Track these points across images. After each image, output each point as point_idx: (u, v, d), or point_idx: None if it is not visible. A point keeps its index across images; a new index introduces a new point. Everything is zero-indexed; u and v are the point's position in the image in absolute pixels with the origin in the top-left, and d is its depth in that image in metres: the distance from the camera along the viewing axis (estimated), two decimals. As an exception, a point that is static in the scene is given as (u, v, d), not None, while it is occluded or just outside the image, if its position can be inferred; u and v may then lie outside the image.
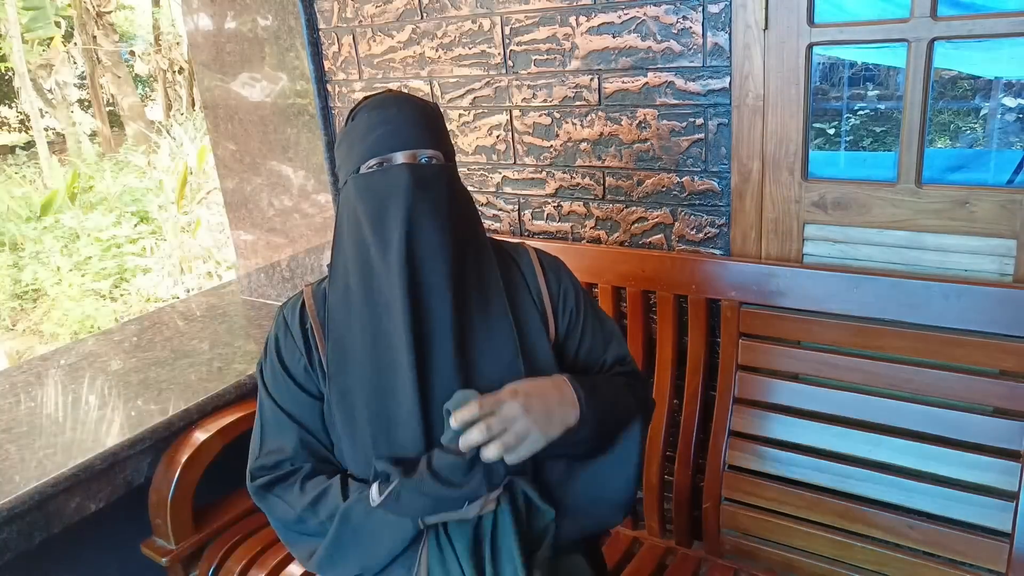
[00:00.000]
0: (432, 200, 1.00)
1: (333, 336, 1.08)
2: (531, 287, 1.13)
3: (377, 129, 1.01)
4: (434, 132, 1.04)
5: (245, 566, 1.50)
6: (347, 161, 1.05)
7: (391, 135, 1.01)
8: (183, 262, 6.51)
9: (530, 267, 1.15)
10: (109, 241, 6.76)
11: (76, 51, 11.18)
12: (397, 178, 0.99)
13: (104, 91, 11.62)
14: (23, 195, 8.09)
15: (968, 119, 4.19)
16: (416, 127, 1.02)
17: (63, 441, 1.53)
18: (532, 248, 1.19)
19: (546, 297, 1.13)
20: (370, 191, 1.01)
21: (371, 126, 1.01)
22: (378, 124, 1.01)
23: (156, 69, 11.79)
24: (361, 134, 1.02)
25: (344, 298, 1.07)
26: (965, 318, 1.26)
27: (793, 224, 1.50)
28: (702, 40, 1.47)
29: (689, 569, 1.50)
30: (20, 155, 10.85)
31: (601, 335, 1.17)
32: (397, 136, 1.01)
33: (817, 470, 1.41)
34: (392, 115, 1.01)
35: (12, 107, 13.37)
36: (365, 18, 1.90)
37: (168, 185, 7.42)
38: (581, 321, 1.15)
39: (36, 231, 7.03)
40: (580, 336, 1.15)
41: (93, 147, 10.82)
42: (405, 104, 1.03)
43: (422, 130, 1.02)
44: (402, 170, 1.00)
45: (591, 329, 1.16)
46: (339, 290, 1.08)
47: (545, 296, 1.13)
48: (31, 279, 6.48)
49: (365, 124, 1.02)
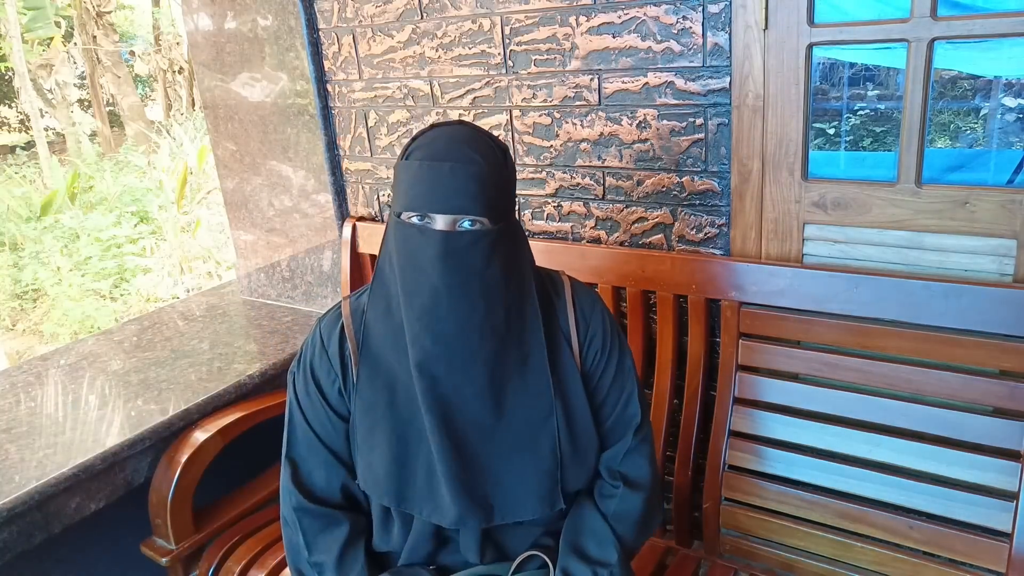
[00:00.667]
0: (466, 271, 0.98)
1: (367, 351, 1.08)
2: (561, 321, 1.12)
3: (422, 184, 0.96)
4: (486, 194, 0.97)
5: (245, 566, 1.50)
6: (395, 195, 1.02)
7: (434, 195, 0.96)
8: (183, 262, 6.51)
9: (564, 304, 1.13)
10: (109, 241, 6.76)
11: (76, 51, 11.18)
12: (431, 243, 0.97)
13: (104, 91, 11.61)
14: (23, 195, 8.08)
15: (968, 119, 4.19)
16: (463, 192, 0.96)
17: (63, 441, 1.53)
18: (569, 280, 1.16)
19: (574, 338, 1.12)
20: (407, 245, 0.99)
21: (420, 178, 0.97)
22: (425, 179, 0.96)
23: (156, 69, 11.78)
24: (409, 180, 0.98)
25: (384, 316, 1.06)
26: (965, 318, 1.26)
27: (793, 224, 1.50)
28: (702, 40, 1.47)
29: (689, 569, 1.50)
30: (20, 155, 10.85)
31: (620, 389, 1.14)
32: (440, 198, 0.96)
33: (817, 470, 1.41)
34: (444, 173, 0.96)
35: (12, 107, 13.37)
36: (365, 18, 1.90)
37: (168, 185, 7.43)
38: (603, 368, 1.13)
39: (36, 231, 7.03)
40: (598, 381, 1.14)
41: (93, 147, 10.82)
42: (460, 160, 0.96)
43: (469, 195, 0.96)
44: (437, 236, 0.96)
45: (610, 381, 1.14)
46: (379, 307, 1.07)
47: (574, 336, 1.12)
48: (31, 279, 6.48)
49: (415, 172, 0.97)
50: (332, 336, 1.11)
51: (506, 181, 1.02)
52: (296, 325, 2.13)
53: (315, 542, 1.11)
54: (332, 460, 1.12)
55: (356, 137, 2.04)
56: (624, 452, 1.13)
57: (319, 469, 1.12)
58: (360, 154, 2.05)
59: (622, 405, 1.14)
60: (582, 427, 1.10)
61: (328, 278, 2.18)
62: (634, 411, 1.14)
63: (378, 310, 1.07)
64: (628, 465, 1.13)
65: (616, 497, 1.12)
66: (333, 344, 1.10)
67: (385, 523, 1.13)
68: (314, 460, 1.12)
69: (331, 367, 1.10)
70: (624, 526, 1.11)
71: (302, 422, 1.12)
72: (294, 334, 2.06)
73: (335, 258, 2.14)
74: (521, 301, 1.06)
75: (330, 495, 1.12)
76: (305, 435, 1.12)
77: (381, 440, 1.06)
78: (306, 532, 1.11)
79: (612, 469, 1.14)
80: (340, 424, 1.11)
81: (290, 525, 1.13)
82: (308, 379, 1.12)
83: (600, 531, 1.09)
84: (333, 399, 1.11)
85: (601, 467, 1.14)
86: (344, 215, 2.12)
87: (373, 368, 1.07)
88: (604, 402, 1.14)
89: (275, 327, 2.12)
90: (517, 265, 1.05)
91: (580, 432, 1.10)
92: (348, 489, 1.13)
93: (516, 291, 1.05)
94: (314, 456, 1.12)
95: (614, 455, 1.14)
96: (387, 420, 1.06)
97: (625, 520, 1.11)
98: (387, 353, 1.06)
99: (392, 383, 1.06)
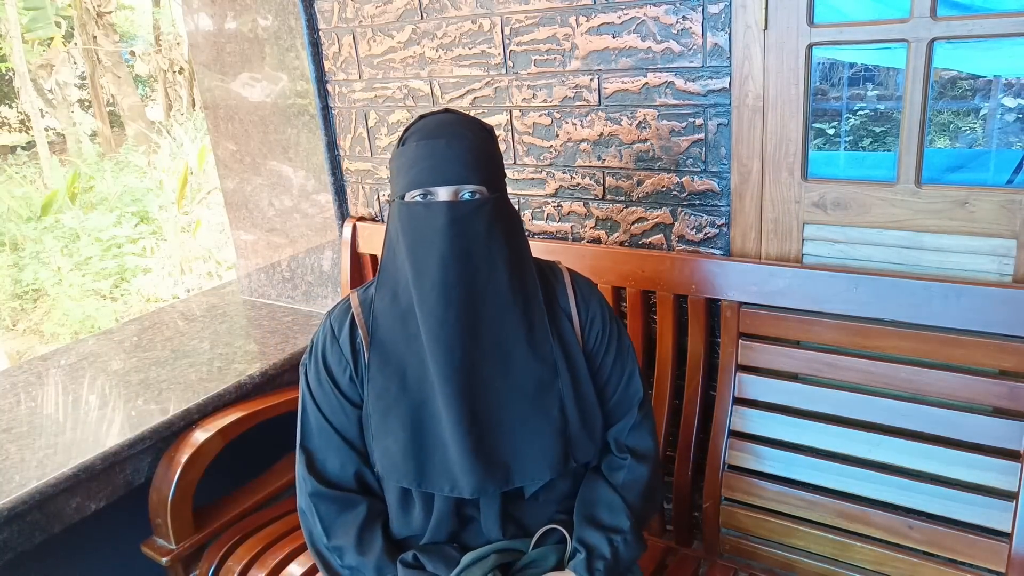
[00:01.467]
0: (471, 236, 1.03)
1: (376, 340, 1.11)
2: (561, 300, 1.18)
3: (422, 161, 1.03)
4: (481, 165, 1.05)
5: (245, 566, 1.50)
6: (395, 183, 1.07)
7: (434, 170, 1.02)
8: (183, 262, 6.51)
9: (563, 287, 1.19)
10: (109, 241, 6.76)
11: (76, 51, 11.18)
12: (436, 215, 1.02)
13: (104, 91, 11.61)
14: (23, 195, 8.08)
15: (968, 119, 4.19)
16: (461, 162, 1.03)
17: (63, 441, 1.53)
18: (567, 269, 1.22)
19: (575, 317, 1.17)
20: (412, 223, 1.04)
21: (418, 156, 1.03)
22: (424, 156, 1.03)
23: (156, 69, 11.78)
24: (408, 162, 1.04)
25: (391, 305, 1.10)
26: (964, 318, 1.26)
27: (793, 224, 1.50)
28: (702, 40, 1.47)
29: (689, 569, 1.50)
30: (21, 155, 10.84)
31: (621, 369, 1.20)
32: (441, 171, 1.02)
33: (817, 470, 1.41)
34: (440, 147, 1.02)
35: (12, 107, 13.37)
36: (365, 18, 1.90)
37: (168, 185, 7.43)
38: (604, 349, 1.18)
39: (36, 231, 7.03)
40: (600, 362, 1.18)
41: (93, 147, 10.82)
42: (454, 136, 1.04)
43: (467, 165, 1.03)
44: (442, 207, 1.02)
45: (612, 361, 1.19)
46: (386, 298, 1.11)
47: (575, 316, 1.17)
48: (32, 279, 6.48)
49: (413, 153, 1.04)
50: (343, 326, 1.14)
51: (496, 156, 1.10)
52: (296, 325, 2.13)
53: (332, 526, 1.13)
54: (346, 448, 1.14)
55: (356, 137, 2.04)
56: (630, 426, 1.19)
57: (333, 457, 1.14)
58: (360, 154, 2.06)
59: (624, 383, 1.20)
60: (588, 400, 1.15)
61: (328, 278, 2.19)
62: (636, 387, 1.20)
63: (385, 299, 1.11)
64: (634, 438, 1.19)
65: (624, 468, 1.17)
66: (344, 334, 1.13)
67: (404, 506, 1.14)
68: (328, 448, 1.14)
69: (342, 356, 1.13)
70: (633, 494, 1.16)
71: (315, 412, 1.15)
72: (294, 334, 2.06)
73: (335, 258, 2.14)
74: (522, 271, 1.11)
75: (344, 481, 1.14)
76: (319, 424, 1.14)
77: (395, 425, 1.08)
78: (323, 518, 1.13)
79: (620, 442, 1.19)
80: (353, 412, 1.13)
81: (307, 513, 1.15)
82: (320, 369, 1.14)
83: (612, 501, 1.14)
84: (345, 387, 1.13)
85: (609, 440, 1.20)
86: (344, 215, 2.12)
87: (383, 355, 1.10)
88: (608, 381, 1.19)
89: (275, 327, 2.13)
90: (515, 236, 1.11)
91: (586, 405, 1.14)
92: (362, 476, 1.15)
93: (517, 260, 1.10)
94: (328, 444, 1.14)
95: (621, 429, 1.20)
96: (400, 404, 1.09)
97: (634, 488, 1.16)
98: (396, 339, 1.10)
99: (402, 368, 1.09)
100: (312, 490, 1.13)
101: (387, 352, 1.10)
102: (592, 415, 1.15)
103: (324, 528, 1.12)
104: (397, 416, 1.09)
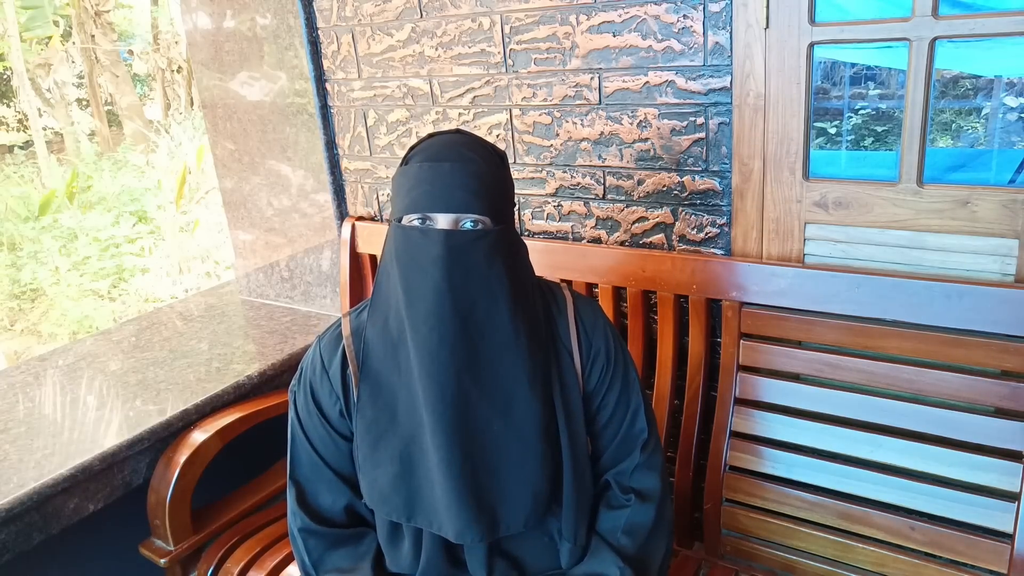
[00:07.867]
0: (468, 268, 0.97)
1: (367, 369, 1.07)
2: (563, 338, 1.11)
3: (423, 184, 0.97)
4: (486, 193, 0.98)
5: (244, 567, 1.50)
6: (394, 203, 1.02)
7: (435, 195, 0.96)
8: (182, 262, 6.50)
9: (565, 320, 1.12)
10: (107, 241, 6.75)
11: (74, 50, 11.15)
12: (433, 243, 0.96)
13: (102, 90, 11.59)
14: (21, 195, 8.07)
15: (969, 118, 4.18)
16: (464, 189, 0.96)
17: (61, 442, 1.53)
18: (570, 294, 1.15)
19: (576, 354, 1.10)
20: (407, 248, 0.99)
21: (420, 179, 0.97)
22: (426, 179, 0.97)
23: (155, 68, 11.75)
24: (409, 183, 0.98)
25: (383, 332, 1.05)
26: (966, 318, 1.25)
27: (794, 224, 1.49)
28: (703, 39, 1.47)
29: (689, 570, 1.49)
30: (18, 154, 10.83)
31: (626, 407, 1.13)
32: (441, 197, 0.96)
33: (818, 471, 1.40)
34: (443, 171, 0.96)
35: (10, 107, 13.35)
36: (364, 17, 1.89)
37: (167, 185, 7.42)
38: (607, 387, 1.12)
39: (34, 231, 7.01)
40: (602, 400, 1.13)
41: (91, 146, 10.80)
42: (460, 159, 0.98)
43: (471, 192, 0.97)
44: (439, 235, 0.96)
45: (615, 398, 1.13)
46: (378, 324, 1.06)
47: (576, 353, 1.10)
48: (29, 279, 6.47)
49: (415, 174, 0.98)
50: (333, 357, 1.10)
51: (505, 184, 1.03)
52: (295, 325, 2.12)
53: (320, 562, 1.11)
54: (336, 480, 1.12)
55: (355, 136, 2.04)
56: (633, 468, 1.13)
57: (324, 491, 1.12)
58: (359, 153, 2.05)
59: (629, 421, 1.13)
60: (580, 448, 1.09)
61: (327, 278, 2.18)
62: (641, 427, 1.13)
63: (377, 325, 1.06)
64: (637, 480, 1.13)
65: (629, 508, 1.11)
66: (334, 366, 1.09)
67: (394, 541, 1.11)
68: (318, 481, 1.12)
69: (332, 389, 1.10)
70: (637, 537, 1.10)
71: (304, 443, 1.12)
72: (293, 334, 2.05)
73: (334, 258, 2.14)
74: (526, 307, 1.04)
75: (336, 515, 1.12)
76: (308, 456, 1.12)
77: (385, 457, 1.05)
78: (311, 552, 1.11)
79: (623, 485, 1.13)
80: (344, 444, 1.11)
81: (297, 544, 1.13)
82: (309, 399, 1.11)
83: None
84: (335, 420, 1.10)
85: (610, 481, 1.14)
86: (343, 215, 2.11)
87: (374, 386, 1.06)
88: (611, 420, 1.13)
89: (274, 327, 2.12)
90: (518, 272, 1.05)
91: (579, 452, 1.09)
92: (354, 508, 1.13)
93: (520, 296, 1.03)
94: (318, 477, 1.12)
95: (623, 471, 1.13)
96: (390, 437, 1.05)
97: (638, 531, 1.11)
98: (388, 369, 1.05)
99: (393, 399, 1.05)
100: (302, 525, 1.11)
101: (378, 383, 1.06)
102: (582, 463, 1.09)
103: (312, 563, 1.11)
104: (386, 448, 1.05)
